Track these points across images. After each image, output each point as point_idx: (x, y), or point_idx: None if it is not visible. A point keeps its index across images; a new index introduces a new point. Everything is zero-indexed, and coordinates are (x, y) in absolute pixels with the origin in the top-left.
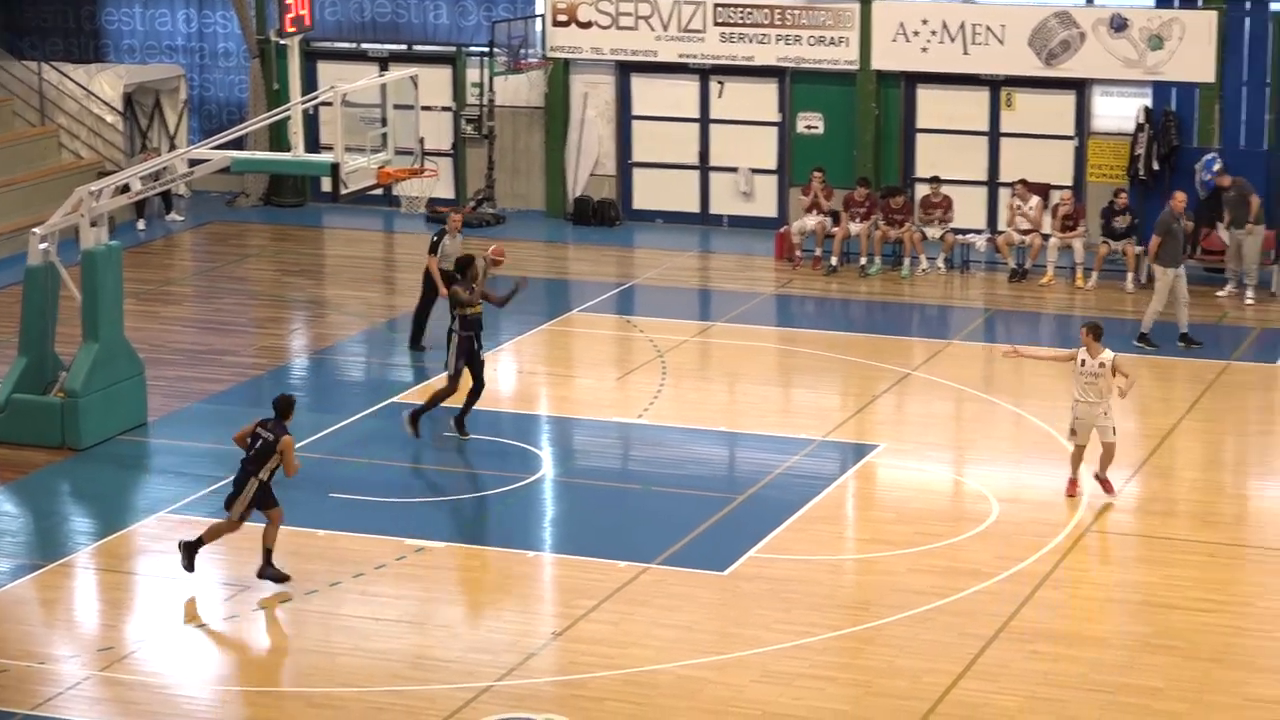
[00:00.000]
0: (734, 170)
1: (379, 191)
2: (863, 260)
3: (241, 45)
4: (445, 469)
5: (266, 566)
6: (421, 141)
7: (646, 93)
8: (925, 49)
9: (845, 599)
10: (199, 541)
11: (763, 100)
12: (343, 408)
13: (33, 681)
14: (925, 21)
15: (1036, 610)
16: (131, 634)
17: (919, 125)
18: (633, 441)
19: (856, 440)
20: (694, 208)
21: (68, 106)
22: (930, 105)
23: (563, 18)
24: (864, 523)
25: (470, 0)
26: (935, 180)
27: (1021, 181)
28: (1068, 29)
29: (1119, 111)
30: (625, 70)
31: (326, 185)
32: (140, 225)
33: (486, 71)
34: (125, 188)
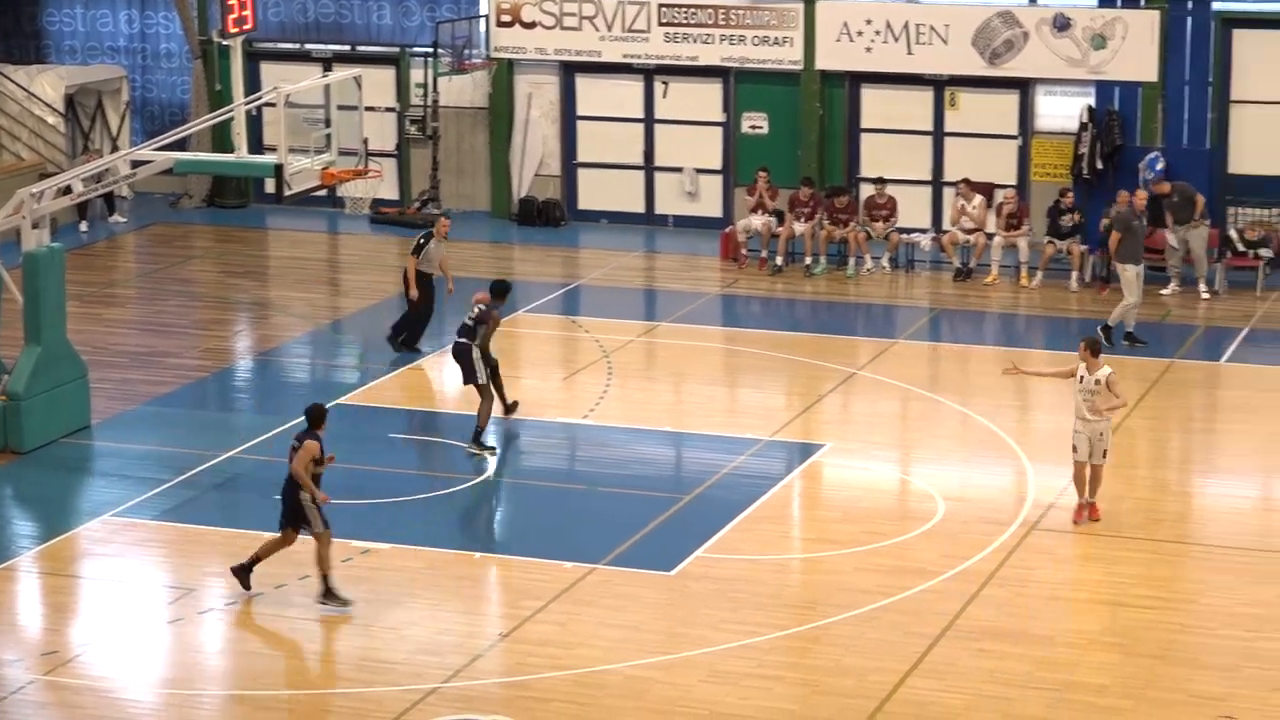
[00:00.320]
0: (679, 170)
1: (323, 193)
2: (808, 260)
3: (184, 46)
4: (391, 470)
5: (328, 592)
6: (365, 142)
7: (591, 93)
8: (869, 49)
9: (792, 598)
10: (326, 581)
11: (707, 100)
12: (287, 410)
13: None
14: (869, 21)
15: (983, 608)
16: (76, 638)
17: (863, 125)
18: (579, 442)
19: (803, 440)
20: (639, 208)
21: (8, 108)
22: (874, 105)
23: (506, 18)
24: (810, 522)
25: (414, 0)
26: (880, 181)
27: (965, 181)
28: (1011, 29)
29: (1062, 111)
30: (570, 70)
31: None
32: (83, 227)
33: (430, 72)
34: (67, 189)
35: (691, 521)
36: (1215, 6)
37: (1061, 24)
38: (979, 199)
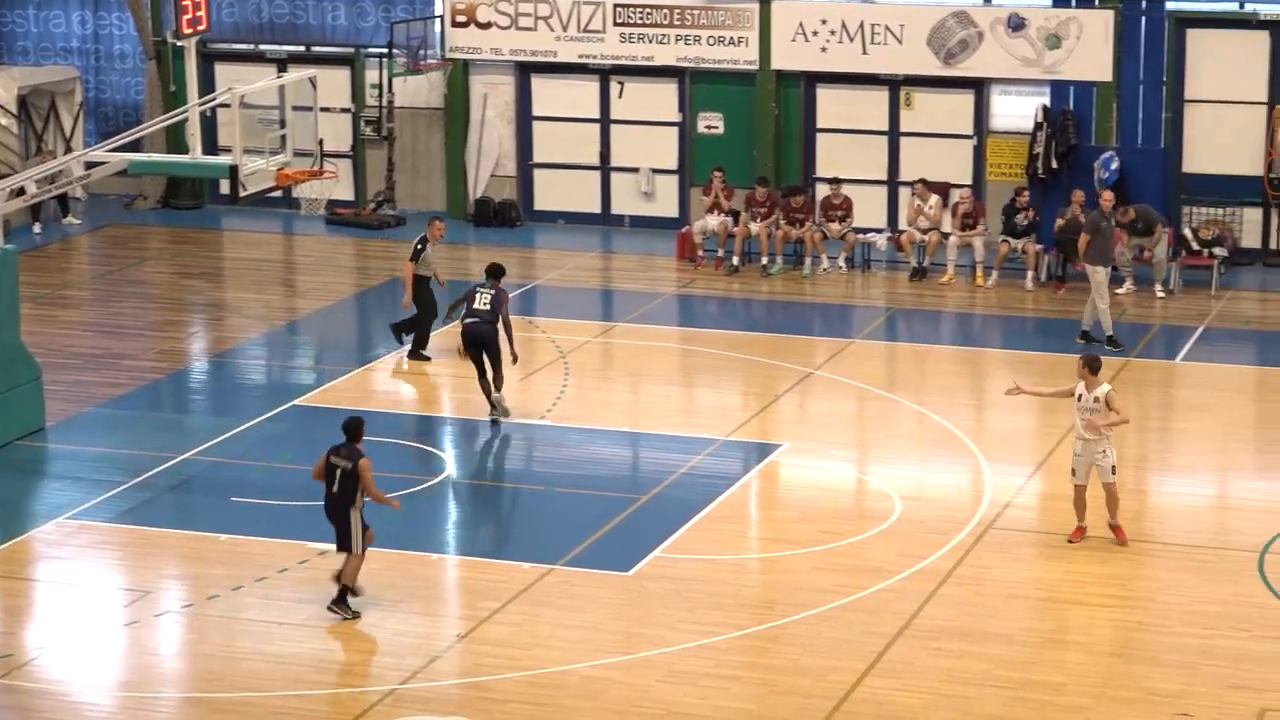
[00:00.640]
0: (635, 170)
1: (278, 194)
2: (764, 260)
3: (138, 47)
4: None
5: (341, 599)
6: (321, 143)
7: (546, 93)
8: (824, 49)
9: (750, 598)
10: (344, 591)
11: (663, 100)
12: (244, 411)
13: None
14: (824, 21)
15: (940, 607)
16: (31, 641)
17: (819, 125)
18: (536, 442)
19: (760, 440)
20: (595, 208)
21: None
22: (830, 105)
23: (462, 18)
24: (768, 522)
25: (368, 1)
26: (835, 181)
27: (921, 180)
28: (966, 29)
29: (1017, 110)
30: (525, 71)
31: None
32: (36, 229)
33: (385, 72)
34: (20, 191)
35: (649, 522)
36: (1169, 6)
37: (1016, 24)
38: (935, 199)
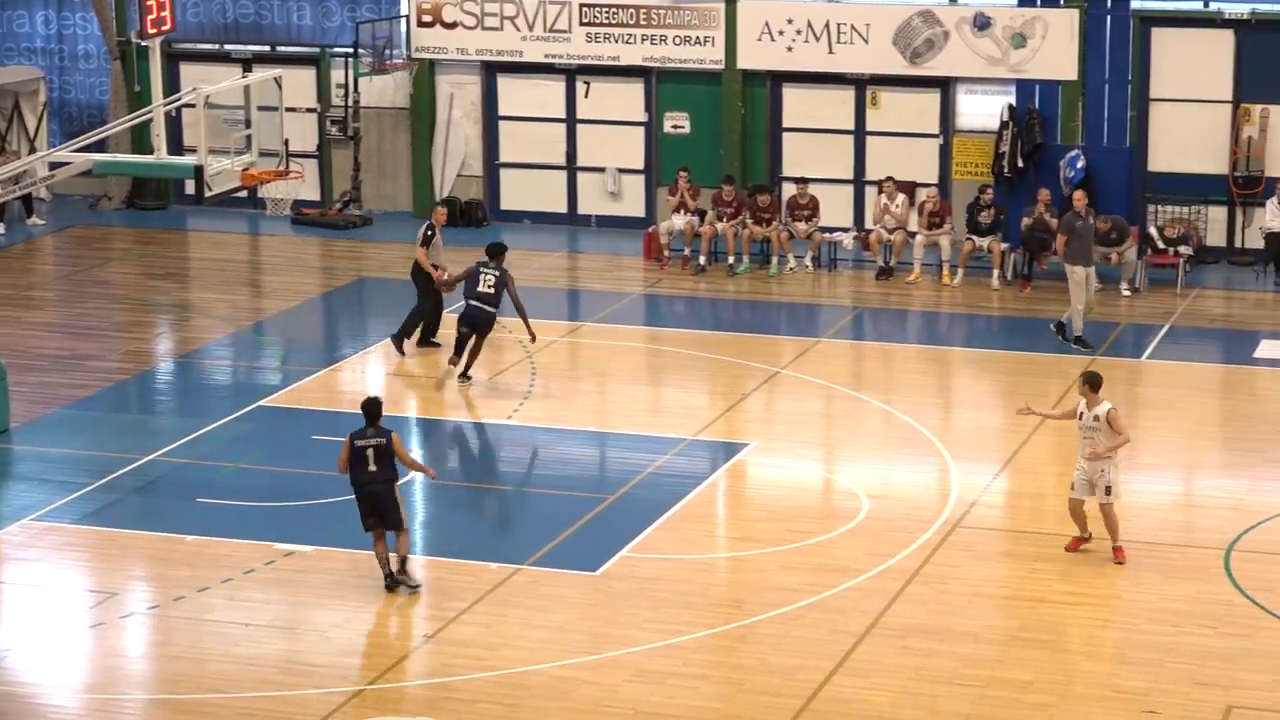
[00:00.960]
0: (601, 170)
1: (244, 194)
2: (730, 259)
3: (102, 47)
4: (313, 472)
5: (403, 568)
6: (286, 143)
7: (513, 93)
8: (790, 48)
9: (717, 597)
10: (396, 573)
11: (629, 100)
12: (210, 412)
13: None
14: (790, 21)
15: (907, 606)
16: None
17: (785, 124)
18: (503, 442)
19: (726, 439)
20: (562, 208)
21: None
22: (796, 104)
23: (427, 18)
24: (735, 521)
25: (334, 1)
26: (802, 180)
27: (890, 179)
28: (931, 28)
29: (983, 109)
30: (491, 70)
31: (190, 188)
32: (0, 229)
33: (351, 72)
34: None
35: (616, 521)
36: (1134, 5)
37: (982, 23)
38: (902, 198)
